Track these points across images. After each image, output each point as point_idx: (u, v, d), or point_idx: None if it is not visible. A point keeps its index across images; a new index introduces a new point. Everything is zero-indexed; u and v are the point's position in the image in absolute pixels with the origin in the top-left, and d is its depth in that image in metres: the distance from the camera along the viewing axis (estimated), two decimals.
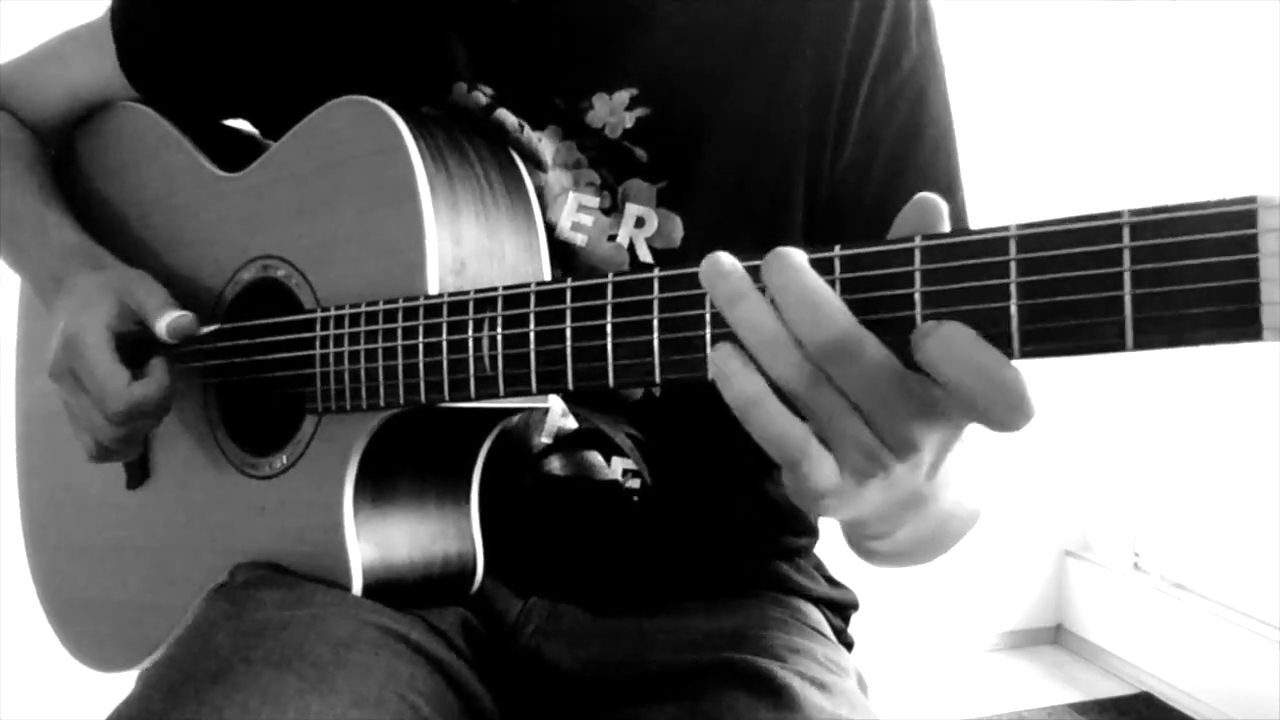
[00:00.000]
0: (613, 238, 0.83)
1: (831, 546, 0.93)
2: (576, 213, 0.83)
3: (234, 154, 0.91)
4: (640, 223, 0.83)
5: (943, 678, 2.66)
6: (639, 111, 0.82)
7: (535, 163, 0.83)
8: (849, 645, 0.94)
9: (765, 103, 0.82)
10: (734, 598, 0.88)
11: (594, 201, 0.83)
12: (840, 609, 0.95)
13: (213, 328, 0.86)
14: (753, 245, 0.52)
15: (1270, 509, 2.32)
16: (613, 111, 0.82)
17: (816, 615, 0.91)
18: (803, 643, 0.83)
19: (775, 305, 0.50)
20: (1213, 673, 2.46)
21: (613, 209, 0.83)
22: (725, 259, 0.51)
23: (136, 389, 0.82)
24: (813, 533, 0.96)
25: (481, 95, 0.83)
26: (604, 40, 0.82)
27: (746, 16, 0.82)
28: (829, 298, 0.49)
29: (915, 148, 0.83)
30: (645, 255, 0.83)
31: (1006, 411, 0.46)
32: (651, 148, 0.82)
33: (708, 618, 0.85)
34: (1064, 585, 2.89)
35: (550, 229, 0.83)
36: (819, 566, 0.97)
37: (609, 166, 0.83)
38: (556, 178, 0.83)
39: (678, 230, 0.82)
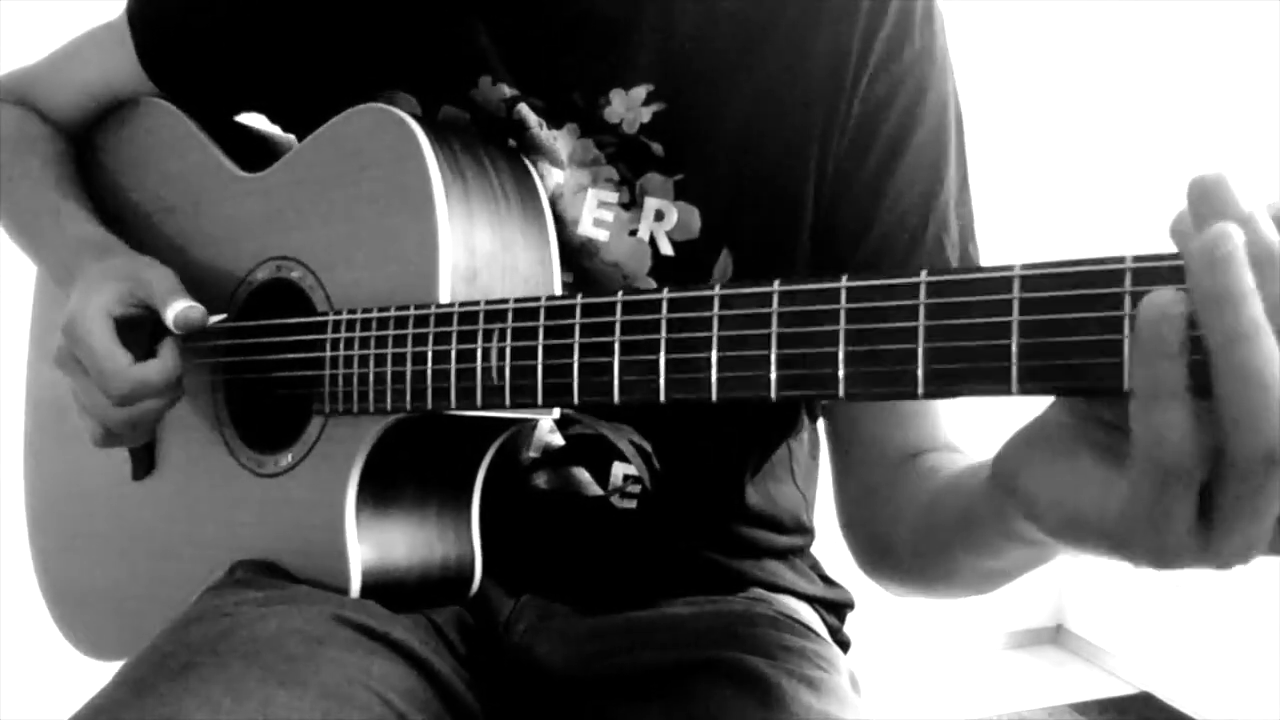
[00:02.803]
0: (633, 232, 0.83)
1: (829, 546, 0.94)
2: (597, 209, 0.83)
3: (251, 154, 0.92)
4: (660, 216, 0.83)
5: (943, 677, 2.67)
6: (655, 106, 0.82)
7: (553, 160, 0.84)
8: (845, 645, 0.94)
9: (777, 96, 0.82)
10: (724, 596, 0.89)
11: (613, 197, 0.83)
12: (836, 608, 0.96)
13: (220, 318, 0.86)
14: (766, 236, 0.49)
15: None
16: (629, 107, 0.82)
17: (808, 613, 0.92)
18: (793, 640, 0.83)
19: None
20: (1213, 673, 2.46)
21: (632, 204, 0.83)
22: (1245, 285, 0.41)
23: (136, 370, 0.82)
24: (807, 532, 0.97)
25: (506, 88, 0.84)
26: (623, 36, 0.83)
27: (761, 11, 0.82)
28: None
29: (909, 142, 0.83)
30: (666, 248, 0.83)
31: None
32: (667, 141, 0.83)
33: (697, 616, 0.85)
34: (1064, 585, 2.89)
35: (574, 224, 0.83)
36: (815, 566, 0.98)
37: (626, 162, 0.83)
38: (574, 176, 0.83)
39: (696, 221, 0.83)
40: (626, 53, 0.82)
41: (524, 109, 0.83)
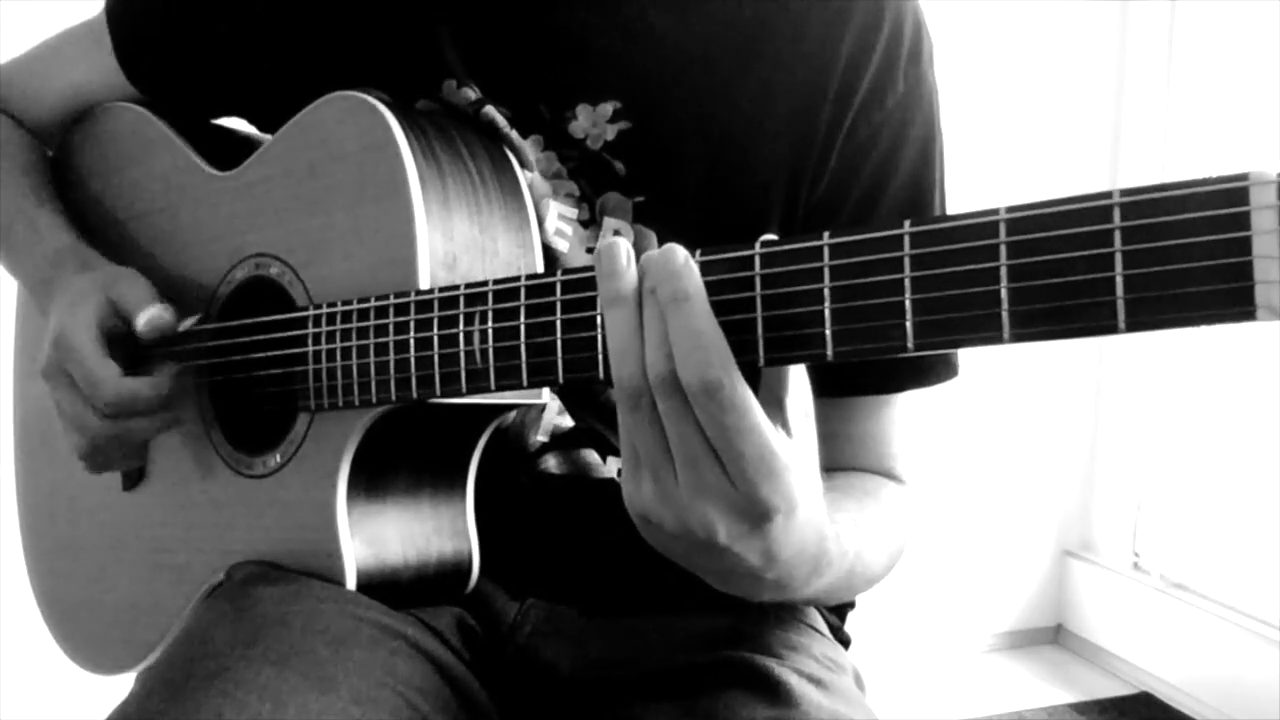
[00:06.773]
0: (591, 249, 0.83)
1: None
2: (558, 220, 0.83)
3: (229, 154, 0.91)
4: (617, 236, 0.82)
5: (943, 677, 2.66)
6: (621, 125, 0.82)
7: (522, 160, 0.83)
8: (846, 642, 0.94)
9: (748, 127, 0.81)
10: (730, 595, 0.88)
11: (572, 212, 0.83)
12: (836, 606, 0.95)
13: (191, 321, 0.85)
14: None
15: (1271, 509, 2.31)
16: (595, 123, 0.82)
17: (813, 612, 0.91)
18: (799, 640, 0.83)
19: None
20: (1213, 673, 2.46)
21: (591, 221, 0.83)
22: (622, 253, 0.55)
23: (127, 382, 0.81)
24: None
25: (470, 92, 0.83)
26: (592, 51, 0.82)
27: (738, 39, 0.82)
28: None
29: (888, 186, 0.83)
30: None
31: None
32: (630, 161, 0.82)
33: (704, 616, 0.84)
34: (1064, 585, 2.88)
35: (540, 225, 0.82)
36: None
37: (588, 178, 0.83)
38: (539, 183, 0.83)
39: (653, 246, 0.81)
40: (595, 68, 0.82)
41: (491, 110, 0.83)
